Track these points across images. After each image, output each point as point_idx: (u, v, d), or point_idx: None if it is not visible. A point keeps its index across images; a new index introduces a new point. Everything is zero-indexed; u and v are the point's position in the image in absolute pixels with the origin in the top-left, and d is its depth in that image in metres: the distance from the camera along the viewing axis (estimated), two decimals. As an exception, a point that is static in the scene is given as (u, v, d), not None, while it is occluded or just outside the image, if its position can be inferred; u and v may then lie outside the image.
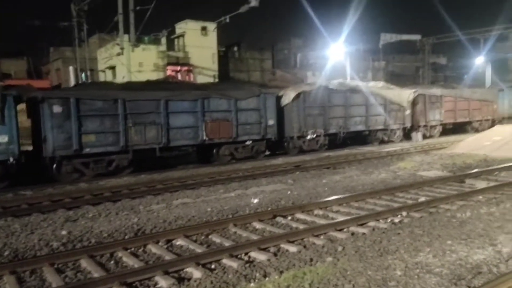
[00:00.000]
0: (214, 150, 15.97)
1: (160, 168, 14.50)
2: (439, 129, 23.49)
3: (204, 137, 15.31)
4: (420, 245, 5.87)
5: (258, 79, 38.34)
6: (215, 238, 6.75)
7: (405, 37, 46.15)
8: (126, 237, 6.92)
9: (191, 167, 15.16)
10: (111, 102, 13.55)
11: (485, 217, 7.04)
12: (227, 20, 29.40)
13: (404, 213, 7.67)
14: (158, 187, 11.19)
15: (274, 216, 7.78)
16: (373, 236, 6.42)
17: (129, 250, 6.24)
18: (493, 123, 24.28)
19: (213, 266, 5.58)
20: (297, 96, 17.66)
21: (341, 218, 7.42)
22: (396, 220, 7.35)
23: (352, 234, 6.67)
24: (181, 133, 14.97)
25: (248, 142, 16.40)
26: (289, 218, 7.81)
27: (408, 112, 21.47)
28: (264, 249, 6.09)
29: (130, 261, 5.84)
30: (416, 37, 47.21)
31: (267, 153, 17.60)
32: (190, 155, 17.62)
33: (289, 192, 9.94)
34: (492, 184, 9.88)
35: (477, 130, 23.70)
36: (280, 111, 17.45)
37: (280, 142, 17.79)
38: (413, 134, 21.69)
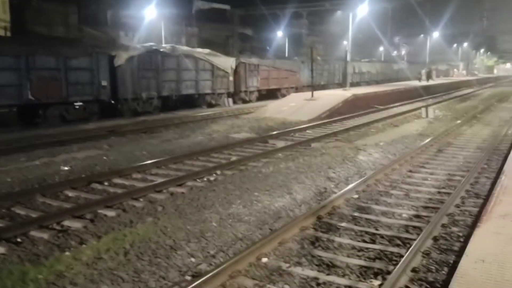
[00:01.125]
0: (41, 111, 14.57)
1: None
2: (256, 94, 25.92)
3: (30, 97, 13.95)
4: (232, 198, 6.51)
5: (61, 34, 34.23)
6: (20, 211, 6.07)
7: (216, 5, 47.75)
8: None
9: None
10: None
11: (283, 170, 8.20)
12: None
13: (219, 172, 8.30)
14: None
15: (89, 183, 7.40)
16: (191, 194, 6.79)
17: None
18: (296, 90, 27.73)
19: (19, 240, 5.05)
20: (131, 57, 17.35)
21: (160, 180, 7.56)
22: (212, 178, 7.90)
23: (171, 194, 6.91)
24: (1, 91, 13.24)
25: (78, 103, 15.33)
26: (106, 183, 7.55)
27: (231, 78, 23.02)
28: (79, 217, 5.80)
29: None
30: (226, 7, 49.38)
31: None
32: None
33: (104, 158, 9.52)
34: (289, 143, 11.44)
35: (284, 96, 26.72)
36: (113, 72, 16.79)
37: (115, 104, 17.26)
38: (224, 100, 23.07)
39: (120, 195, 6.64)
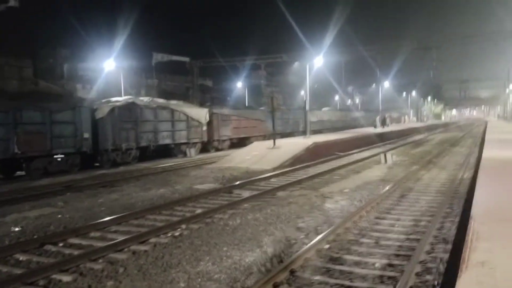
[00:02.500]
0: (24, 165, 15.16)
1: None
2: (228, 143, 26.59)
3: (16, 150, 14.50)
4: (200, 254, 6.17)
5: (16, 88, 33.27)
6: (-39, 281, 5.43)
7: (175, 57, 48.51)
8: None
9: None
10: None
11: (252, 222, 7.97)
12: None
13: (184, 226, 7.93)
14: None
15: (42, 245, 6.83)
16: (155, 252, 6.39)
17: None
18: (264, 138, 28.17)
19: (-41, 317, 4.47)
20: (112, 110, 18.24)
21: (120, 238, 7.10)
22: (177, 233, 7.52)
23: (134, 253, 6.47)
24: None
25: (59, 156, 15.60)
26: (61, 244, 6.99)
27: (205, 128, 23.99)
28: (31, 283, 5.27)
29: None
30: (185, 59, 50.28)
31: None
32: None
33: (59, 216, 8.92)
34: (254, 193, 11.25)
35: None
36: (94, 124, 17.64)
37: (96, 155, 17.94)
38: (187, 150, 22.82)
39: (76, 257, 6.13)
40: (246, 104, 43.23)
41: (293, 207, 9.15)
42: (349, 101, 62.27)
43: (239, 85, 47.00)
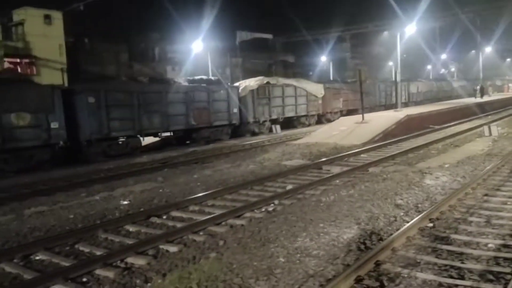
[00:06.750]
0: (195, 134, 18.80)
1: None
2: (339, 115, 27.59)
3: (192, 122, 18.41)
4: (296, 230, 6.15)
5: (113, 72, 35.92)
6: (83, 248, 6.03)
7: (258, 35, 48.66)
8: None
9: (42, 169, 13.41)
10: None
11: (346, 199, 7.75)
12: (81, 8, 26.74)
13: (276, 202, 7.99)
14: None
15: (149, 217, 7.33)
16: (251, 226, 6.50)
17: (-28, 275, 5.16)
18: (370, 110, 27.77)
19: (84, 279, 4.96)
20: (251, 90, 21.65)
21: (218, 212, 7.35)
22: (270, 208, 7.60)
23: (231, 226, 6.66)
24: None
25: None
26: (165, 217, 7.44)
27: (320, 101, 26.37)
28: (141, 253, 5.67)
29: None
30: (268, 36, 50.19)
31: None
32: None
33: (160, 190, 9.50)
34: (344, 169, 10.95)
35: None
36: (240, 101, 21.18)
37: (239, 127, 21.35)
38: (273, 127, 22.96)
39: (180, 229, 6.48)
40: (331, 78, 42.12)
41: (389, 184, 8.72)
42: (442, 70, 57.65)
43: (323, 59, 45.80)
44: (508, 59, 57.94)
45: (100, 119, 15.04)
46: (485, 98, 33.83)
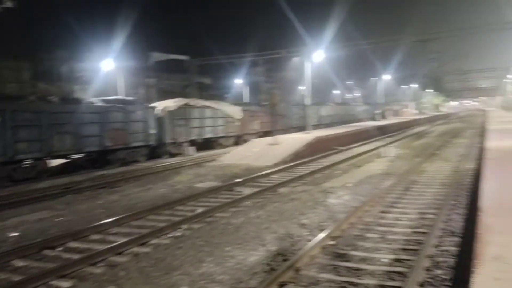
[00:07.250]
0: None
1: None
2: (255, 136, 27.60)
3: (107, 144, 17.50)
4: (202, 255, 6.02)
5: (14, 91, 33.03)
6: (-42, 289, 5.29)
7: (173, 57, 48.22)
8: None
9: None
10: None
11: (254, 220, 7.81)
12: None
13: (185, 226, 7.79)
14: None
15: (41, 249, 6.69)
16: (157, 254, 6.25)
17: None
18: (285, 132, 28.63)
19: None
20: (169, 111, 21.27)
21: (121, 240, 6.95)
22: (178, 234, 7.38)
23: (135, 255, 6.33)
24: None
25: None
26: (60, 249, 6.85)
27: (238, 123, 26.65)
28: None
29: None
30: (184, 57, 49.96)
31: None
32: None
33: (59, 219, 8.77)
34: (256, 190, 11.08)
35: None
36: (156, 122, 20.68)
37: (158, 148, 20.69)
38: (186, 149, 22.63)
39: (76, 262, 5.98)
40: (248, 101, 43.00)
41: (296, 204, 8.99)
42: (348, 95, 61.93)
43: (237, 82, 46.73)
44: (404, 86, 64.18)
45: (4, 141, 13.67)
46: (384, 122, 36.87)
